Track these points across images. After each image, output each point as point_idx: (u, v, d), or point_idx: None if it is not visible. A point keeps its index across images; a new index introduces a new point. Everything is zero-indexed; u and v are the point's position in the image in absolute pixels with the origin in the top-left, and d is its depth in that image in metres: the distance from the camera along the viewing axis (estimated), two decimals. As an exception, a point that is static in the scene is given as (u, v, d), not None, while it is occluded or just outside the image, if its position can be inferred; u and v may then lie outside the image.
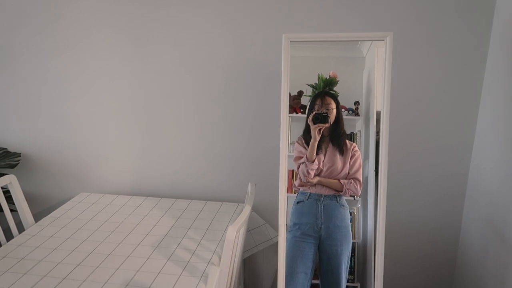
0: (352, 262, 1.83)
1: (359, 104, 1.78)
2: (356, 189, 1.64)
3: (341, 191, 1.64)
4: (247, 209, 1.49)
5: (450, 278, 2.10)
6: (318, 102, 1.61)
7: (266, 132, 2.05)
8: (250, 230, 2.05)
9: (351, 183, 1.64)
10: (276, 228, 2.01)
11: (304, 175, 1.62)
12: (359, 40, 1.58)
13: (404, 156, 1.98)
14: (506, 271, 1.58)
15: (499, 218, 1.65)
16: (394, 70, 1.82)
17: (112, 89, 2.15)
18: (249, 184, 1.79)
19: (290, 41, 1.44)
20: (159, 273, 1.47)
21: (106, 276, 1.45)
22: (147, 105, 2.15)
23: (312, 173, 1.60)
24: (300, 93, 1.81)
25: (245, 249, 2.03)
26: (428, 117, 1.92)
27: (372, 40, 1.50)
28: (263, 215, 2.12)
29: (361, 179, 1.66)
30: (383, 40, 1.37)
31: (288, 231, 1.66)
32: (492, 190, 1.72)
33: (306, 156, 1.60)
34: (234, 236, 1.30)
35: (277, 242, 1.79)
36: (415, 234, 2.07)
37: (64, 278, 1.44)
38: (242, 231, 1.55)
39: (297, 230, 1.63)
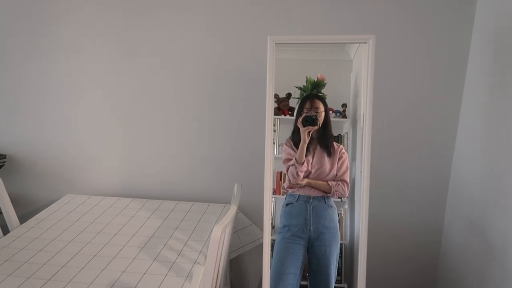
0: (340, 263, 1.85)
1: (346, 106, 1.82)
2: (343, 190, 1.67)
3: (329, 193, 1.66)
4: (232, 209, 1.51)
5: (434, 278, 2.14)
6: (308, 105, 1.64)
7: (252, 133, 2.07)
8: (237, 231, 2.07)
9: (339, 185, 1.66)
10: (262, 228, 2.03)
11: (294, 177, 1.64)
12: (342, 43, 1.61)
13: (389, 159, 2.02)
14: (486, 269, 1.62)
15: (479, 219, 1.69)
16: (379, 73, 1.86)
17: (99, 91, 2.16)
18: (235, 184, 1.81)
19: (275, 43, 1.46)
20: (145, 273, 1.48)
21: (92, 277, 1.45)
22: (133, 107, 2.15)
23: (302, 175, 1.63)
24: (289, 95, 1.84)
25: (231, 249, 2.04)
26: (412, 123, 1.97)
27: (355, 43, 1.53)
28: (250, 216, 2.14)
29: (348, 181, 1.68)
30: (366, 43, 1.40)
31: (278, 232, 1.68)
32: (472, 193, 1.77)
33: (295, 158, 1.62)
34: (219, 235, 1.31)
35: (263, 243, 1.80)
36: (399, 236, 2.11)
37: (49, 280, 1.43)
38: (228, 231, 1.57)
39: (286, 232, 1.64)
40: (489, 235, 1.61)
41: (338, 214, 1.72)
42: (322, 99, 1.66)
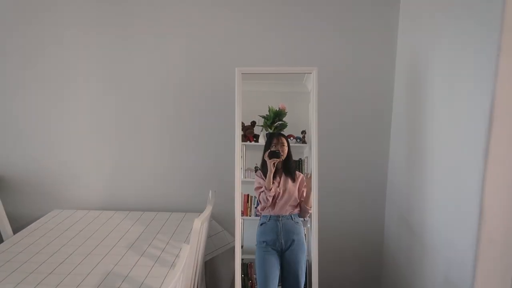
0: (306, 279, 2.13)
1: (305, 133, 2.09)
2: (307, 211, 2.01)
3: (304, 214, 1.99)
4: (208, 208, 1.82)
5: (379, 270, 2.50)
6: (275, 141, 1.98)
7: (224, 152, 2.39)
8: (211, 236, 2.35)
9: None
10: (232, 235, 2.32)
11: (264, 201, 1.97)
12: (293, 73, 1.98)
13: (336, 170, 2.40)
14: (419, 259, 1.99)
15: (406, 213, 2.08)
16: (324, 97, 2.27)
17: (84, 112, 2.43)
18: (210, 191, 2.12)
19: (242, 73, 1.84)
20: (134, 265, 1.74)
21: (88, 270, 1.69)
22: (114, 128, 2.44)
23: (270, 199, 1.96)
24: (253, 123, 2.09)
25: (206, 252, 2.31)
26: (352, 140, 2.37)
27: (302, 73, 1.92)
28: (221, 223, 2.43)
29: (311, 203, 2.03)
30: (311, 73, 1.80)
31: (257, 247, 2.00)
32: (401, 193, 2.17)
33: (264, 186, 1.96)
34: (199, 226, 1.61)
35: (233, 247, 2.09)
36: (346, 236, 2.47)
37: (49, 273, 1.66)
38: (205, 226, 1.86)
39: (265, 247, 1.96)
40: (412, 223, 2.00)
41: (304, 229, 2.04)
42: (285, 136, 2.00)
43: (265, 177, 1.95)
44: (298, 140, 2.07)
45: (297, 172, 2.00)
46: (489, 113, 1.28)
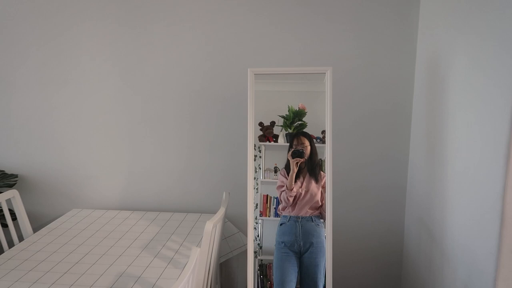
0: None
1: (325, 133, 2.02)
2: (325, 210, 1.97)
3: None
4: (221, 210, 1.80)
5: (399, 273, 2.42)
6: (295, 141, 1.95)
7: (240, 152, 2.38)
8: (226, 238, 2.34)
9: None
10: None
11: (285, 201, 1.94)
12: (307, 73, 1.94)
13: (354, 171, 2.34)
14: (439, 265, 1.92)
15: (426, 217, 2.01)
16: (344, 98, 2.22)
17: (103, 114, 2.46)
18: (224, 192, 2.10)
19: (254, 74, 1.81)
20: (147, 266, 1.74)
21: (102, 270, 1.70)
22: (133, 129, 2.46)
23: (291, 199, 1.93)
24: (273, 123, 2.07)
25: (221, 254, 2.30)
26: (371, 142, 2.31)
27: (317, 73, 1.88)
28: (237, 225, 2.42)
29: None
30: (325, 73, 1.76)
31: (275, 247, 1.97)
32: (421, 197, 2.09)
33: (286, 185, 1.93)
34: (211, 228, 1.60)
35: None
36: (366, 237, 2.40)
37: (65, 273, 1.68)
38: (218, 228, 1.85)
39: (283, 248, 1.93)
40: (432, 228, 1.92)
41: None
42: (307, 135, 1.96)
43: (288, 176, 1.92)
44: (318, 140, 2.02)
45: (322, 173, 1.95)
46: (510, 115, 1.21)
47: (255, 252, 1.97)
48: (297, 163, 1.89)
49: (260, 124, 2.03)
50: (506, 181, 1.22)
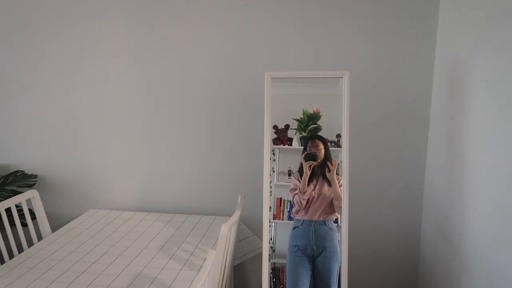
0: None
1: (340, 136, 1.99)
2: (337, 205, 1.94)
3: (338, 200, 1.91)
4: (236, 214, 1.81)
5: (416, 276, 2.39)
6: (309, 144, 1.94)
7: (256, 156, 2.37)
8: (240, 241, 2.34)
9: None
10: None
11: (298, 204, 1.93)
12: (324, 77, 1.92)
13: (370, 174, 2.32)
14: (457, 275, 1.88)
15: (443, 221, 1.97)
16: (361, 101, 2.21)
17: (121, 117, 2.50)
18: (239, 196, 2.10)
19: (271, 78, 1.81)
20: (163, 268, 1.76)
21: (119, 271, 1.73)
22: (150, 133, 2.49)
23: (304, 202, 1.91)
24: (287, 127, 2.06)
25: (236, 256, 2.30)
26: (388, 143, 2.29)
27: (334, 77, 1.86)
28: (251, 228, 2.41)
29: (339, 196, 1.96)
30: (342, 77, 1.75)
31: (288, 251, 1.96)
32: (438, 200, 2.06)
33: (299, 188, 1.92)
34: (226, 231, 1.61)
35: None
36: (381, 242, 2.38)
37: (82, 273, 1.71)
38: (233, 231, 1.85)
39: (296, 251, 1.93)
40: (450, 234, 1.89)
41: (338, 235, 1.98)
42: (321, 138, 1.94)
43: (302, 179, 1.91)
44: (333, 144, 2.01)
45: (336, 176, 1.93)
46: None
47: (268, 255, 1.96)
48: (310, 166, 1.88)
49: (275, 127, 2.03)
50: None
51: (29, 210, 2.36)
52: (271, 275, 2.03)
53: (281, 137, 2.07)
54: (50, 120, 2.57)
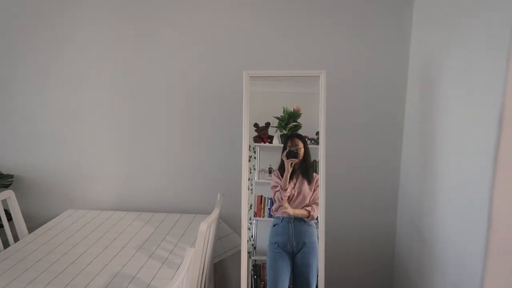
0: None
1: None
2: (315, 211, 1.99)
3: (308, 217, 1.96)
4: (216, 211, 1.83)
5: (391, 276, 2.45)
6: (289, 143, 1.97)
7: (235, 153, 2.39)
8: (220, 238, 2.36)
9: (314, 210, 1.99)
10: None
11: (279, 200, 1.97)
12: (301, 76, 1.96)
13: (347, 173, 2.37)
14: (429, 268, 1.94)
15: (417, 220, 2.03)
16: (337, 100, 2.25)
17: (98, 114, 2.48)
18: (218, 194, 2.12)
19: (250, 76, 1.83)
20: (142, 266, 1.76)
21: (97, 270, 1.72)
22: (126, 130, 2.48)
23: (285, 199, 1.95)
24: (268, 124, 2.08)
25: (215, 254, 2.32)
26: (364, 140, 2.34)
27: (311, 76, 1.90)
28: (231, 225, 2.43)
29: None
30: (319, 76, 1.78)
31: (268, 248, 1.99)
32: (414, 198, 2.12)
33: (280, 186, 1.95)
34: (205, 229, 1.62)
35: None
36: (357, 240, 2.44)
37: (60, 273, 1.70)
38: (212, 228, 1.87)
39: (276, 248, 1.96)
40: (423, 230, 1.95)
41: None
42: (301, 137, 1.98)
43: (282, 177, 1.94)
44: (313, 142, 2.04)
45: (314, 174, 1.98)
46: (499, 118, 1.24)
47: (249, 252, 1.99)
48: (291, 163, 1.91)
49: (255, 125, 2.05)
50: (493, 182, 1.25)
51: (5, 210, 2.32)
52: (252, 272, 2.06)
53: (261, 135, 2.09)
54: (26, 119, 2.54)
